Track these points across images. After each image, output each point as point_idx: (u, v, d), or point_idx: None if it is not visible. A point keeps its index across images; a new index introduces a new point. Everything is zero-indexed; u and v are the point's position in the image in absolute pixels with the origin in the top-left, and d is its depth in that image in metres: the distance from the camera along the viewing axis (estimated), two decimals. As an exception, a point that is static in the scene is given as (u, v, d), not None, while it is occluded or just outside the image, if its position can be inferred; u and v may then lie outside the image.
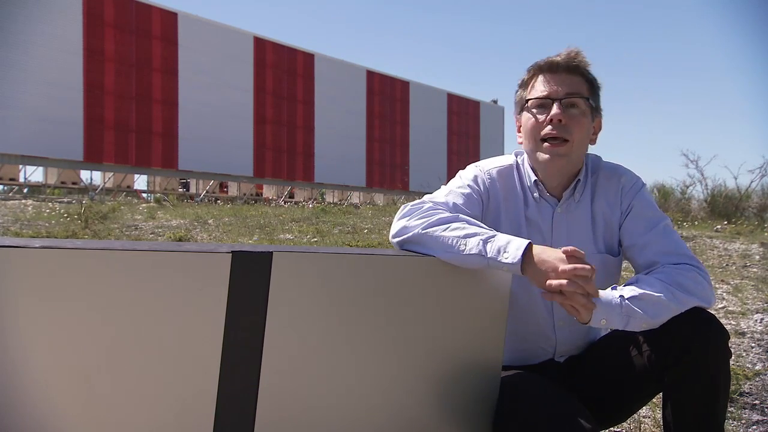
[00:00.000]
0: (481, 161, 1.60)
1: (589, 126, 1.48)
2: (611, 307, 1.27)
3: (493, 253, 1.25)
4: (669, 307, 1.28)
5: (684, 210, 11.46)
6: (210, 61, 14.18)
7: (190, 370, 1.05)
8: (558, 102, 1.43)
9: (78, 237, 5.29)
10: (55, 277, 0.93)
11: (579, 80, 1.46)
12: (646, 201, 1.50)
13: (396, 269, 1.25)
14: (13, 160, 12.07)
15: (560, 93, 1.44)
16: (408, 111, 19.29)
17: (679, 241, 1.45)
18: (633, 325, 1.29)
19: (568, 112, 1.43)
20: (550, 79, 1.46)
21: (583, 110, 1.45)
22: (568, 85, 1.45)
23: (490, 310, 1.37)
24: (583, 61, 1.47)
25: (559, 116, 1.43)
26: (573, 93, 1.44)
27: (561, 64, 1.45)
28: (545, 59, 1.48)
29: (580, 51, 1.48)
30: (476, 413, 1.39)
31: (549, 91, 1.45)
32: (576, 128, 1.44)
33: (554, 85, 1.45)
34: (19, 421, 0.93)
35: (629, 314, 1.27)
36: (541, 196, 1.51)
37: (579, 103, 1.44)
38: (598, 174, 1.55)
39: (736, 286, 4.40)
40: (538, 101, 1.46)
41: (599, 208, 1.51)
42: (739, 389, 2.41)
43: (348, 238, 6.01)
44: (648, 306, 1.27)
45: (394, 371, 1.26)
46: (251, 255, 1.07)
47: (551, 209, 1.51)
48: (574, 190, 1.51)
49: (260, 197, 18.30)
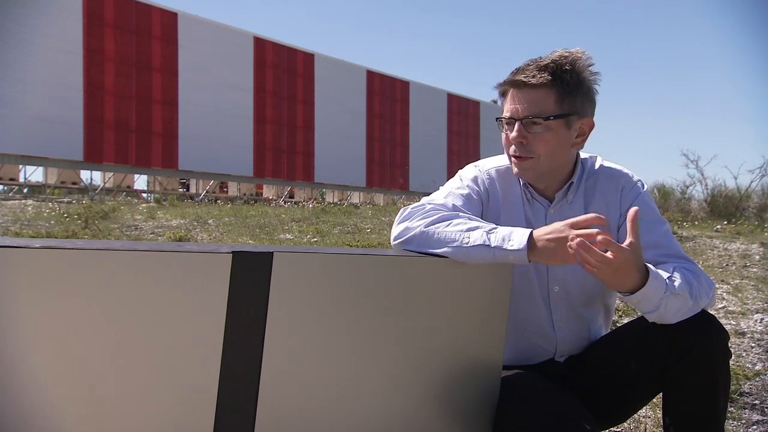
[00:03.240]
0: (480, 161, 1.60)
1: (562, 136, 1.43)
2: (657, 293, 1.25)
3: (498, 242, 1.26)
4: (687, 312, 1.29)
5: (684, 210, 11.45)
6: (210, 61, 14.17)
7: (190, 370, 1.05)
8: (519, 122, 1.42)
9: (78, 237, 5.29)
10: (55, 277, 0.93)
11: (544, 94, 1.40)
12: (646, 203, 1.50)
13: (396, 269, 1.25)
14: (13, 160, 12.06)
15: (520, 113, 1.42)
16: (408, 111, 19.28)
17: (678, 244, 1.46)
18: (652, 316, 1.29)
19: (530, 130, 1.42)
20: (515, 96, 1.44)
21: (546, 126, 1.41)
22: (530, 102, 1.41)
23: (490, 310, 1.37)
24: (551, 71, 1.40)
25: (518, 138, 1.43)
26: (532, 114, 1.41)
27: (523, 81, 1.41)
28: (512, 73, 1.45)
29: (559, 56, 1.42)
30: (476, 413, 1.39)
31: (511, 111, 1.44)
32: (539, 145, 1.42)
33: (516, 104, 1.43)
34: (20, 421, 0.93)
35: (659, 306, 1.27)
36: (533, 197, 1.52)
37: (540, 121, 1.41)
38: (598, 175, 1.54)
39: (736, 286, 4.40)
40: (505, 120, 1.46)
41: (597, 209, 1.51)
42: (739, 389, 2.41)
43: (348, 238, 6.01)
44: (675, 307, 1.28)
45: (394, 371, 1.26)
46: (251, 255, 1.07)
47: (544, 210, 1.52)
48: (567, 192, 1.51)
49: (260, 197, 18.29)
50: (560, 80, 1.41)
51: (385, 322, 1.24)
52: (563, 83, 1.41)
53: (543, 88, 1.41)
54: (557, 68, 1.41)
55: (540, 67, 1.41)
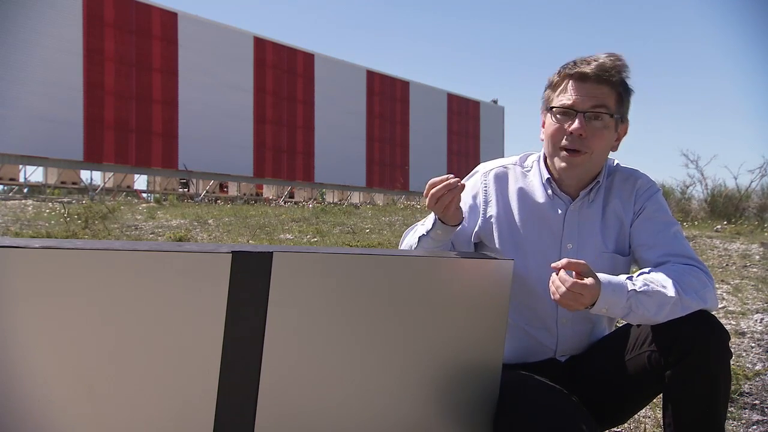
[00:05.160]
0: (488, 162, 1.63)
1: (612, 137, 1.46)
2: (618, 296, 1.28)
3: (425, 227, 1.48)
4: (674, 309, 1.29)
5: (684, 210, 11.45)
6: (210, 61, 14.17)
7: (190, 370, 1.05)
8: (581, 114, 1.42)
9: (78, 237, 5.29)
10: (55, 277, 0.93)
11: (607, 91, 1.43)
12: (659, 204, 1.52)
13: (396, 269, 1.26)
14: (13, 160, 12.07)
15: (585, 105, 1.42)
16: (408, 111, 19.28)
17: (688, 246, 1.46)
18: (631, 319, 1.31)
19: (590, 125, 1.42)
20: (578, 88, 1.43)
21: (606, 123, 1.43)
22: (594, 97, 1.42)
23: (490, 310, 1.37)
24: (616, 71, 1.42)
25: (580, 130, 1.42)
26: (597, 106, 1.41)
27: (590, 75, 1.42)
28: (577, 65, 1.44)
29: (617, 59, 1.43)
30: (476, 413, 1.39)
31: (573, 101, 1.43)
32: (596, 141, 1.43)
33: (580, 96, 1.42)
34: (19, 421, 0.94)
35: (632, 308, 1.28)
36: (554, 193, 1.53)
37: (603, 117, 1.42)
38: (614, 175, 1.56)
39: (736, 286, 4.40)
40: (562, 109, 1.45)
41: (612, 208, 1.53)
42: (739, 389, 2.41)
43: (348, 238, 6.01)
44: (653, 303, 1.28)
45: (394, 371, 1.26)
46: (251, 255, 1.07)
47: (564, 206, 1.53)
48: (590, 191, 1.52)
49: (260, 197, 18.29)
50: (622, 82, 1.44)
51: (384, 321, 1.24)
52: (623, 86, 1.45)
53: (609, 85, 1.42)
54: (621, 70, 1.43)
55: (606, 66, 1.42)
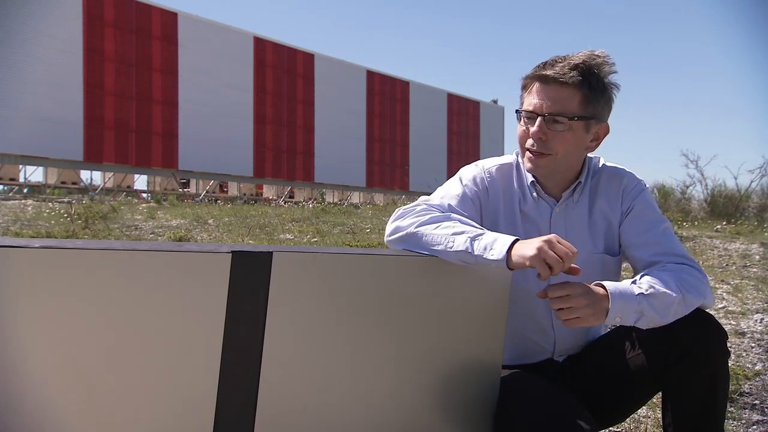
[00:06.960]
0: (482, 160, 1.61)
1: (580, 137, 1.44)
2: (628, 302, 1.26)
3: (480, 251, 1.26)
4: (678, 308, 1.29)
5: (684, 210, 11.45)
6: (210, 61, 14.16)
7: (190, 369, 1.05)
8: (541, 118, 1.41)
9: (78, 237, 5.29)
10: (55, 277, 0.93)
11: (570, 93, 1.40)
12: (647, 202, 1.51)
13: (396, 269, 1.26)
14: (13, 160, 12.07)
15: (544, 109, 1.41)
16: (408, 111, 19.28)
17: (678, 243, 1.45)
18: (641, 323, 1.29)
19: (551, 128, 1.41)
20: (540, 91, 1.42)
21: (568, 125, 1.41)
22: (556, 100, 1.40)
23: (489, 310, 1.37)
24: (581, 72, 1.39)
25: (539, 134, 1.42)
26: (556, 112, 1.40)
27: (550, 77, 1.40)
28: (540, 68, 1.43)
29: (590, 57, 1.41)
30: (476, 413, 1.39)
31: (534, 105, 1.43)
32: (558, 143, 1.42)
33: (540, 100, 1.42)
34: (19, 421, 0.94)
35: (642, 312, 1.27)
36: (539, 196, 1.52)
37: (562, 120, 1.41)
38: (600, 175, 1.55)
39: (736, 286, 4.40)
40: (526, 113, 1.45)
41: (599, 209, 1.52)
42: (739, 389, 2.41)
43: (348, 238, 6.00)
44: (661, 306, 1.27)
45: (393, 371, 1.26)
46: (251, 255, 1.07)
47: (550, 209, 1.52)
48: (573, 192, 1.52)
49: (260, 197, 18.29)
50: (588, 83, 1.41)
51: (384, 321, 1.24)
52: (590, 86, 1.41)
53: (571, 87, 1.40)
54: (587, 70, 1.40)
55: (571, 66, 1.39)
